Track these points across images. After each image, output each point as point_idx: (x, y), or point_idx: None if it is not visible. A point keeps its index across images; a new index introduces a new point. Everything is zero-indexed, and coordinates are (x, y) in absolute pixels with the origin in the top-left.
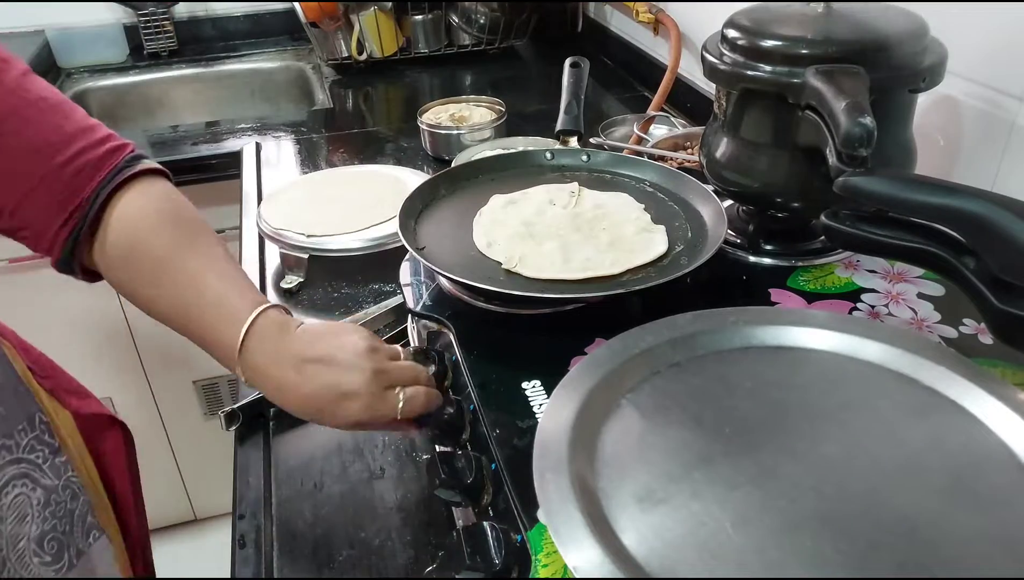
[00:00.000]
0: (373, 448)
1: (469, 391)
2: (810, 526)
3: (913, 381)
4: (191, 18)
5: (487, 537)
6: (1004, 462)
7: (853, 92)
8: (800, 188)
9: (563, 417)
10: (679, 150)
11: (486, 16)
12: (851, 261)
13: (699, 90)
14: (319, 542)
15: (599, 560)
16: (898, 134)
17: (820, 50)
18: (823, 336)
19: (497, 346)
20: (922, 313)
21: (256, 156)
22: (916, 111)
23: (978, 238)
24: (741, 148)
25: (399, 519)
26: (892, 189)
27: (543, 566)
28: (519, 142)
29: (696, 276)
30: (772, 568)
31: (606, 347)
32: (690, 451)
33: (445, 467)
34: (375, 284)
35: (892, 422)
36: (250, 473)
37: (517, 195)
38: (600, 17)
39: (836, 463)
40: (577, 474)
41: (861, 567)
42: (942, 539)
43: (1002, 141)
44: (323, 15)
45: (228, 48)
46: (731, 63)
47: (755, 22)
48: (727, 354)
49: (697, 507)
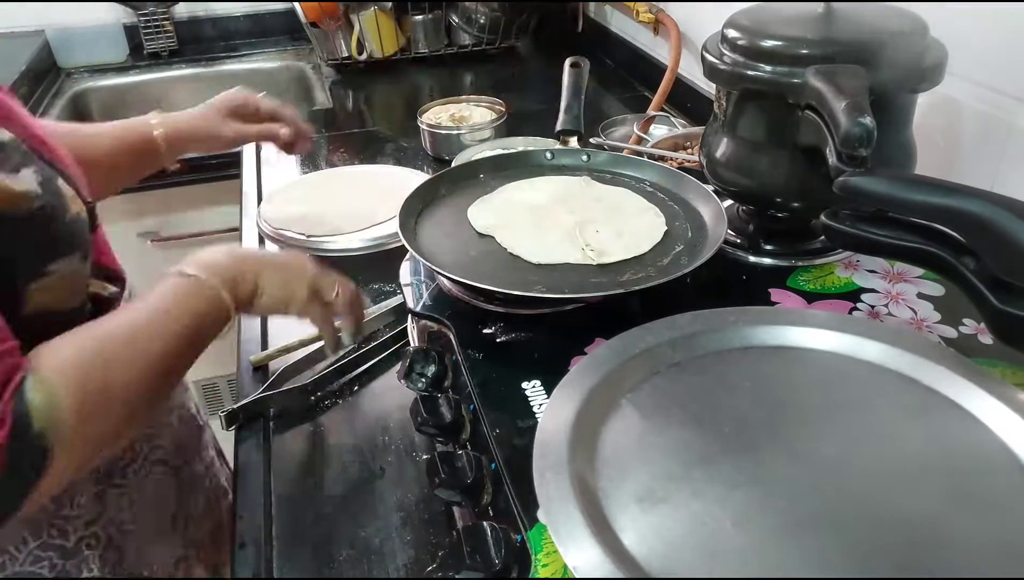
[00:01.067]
0: (373, 448)
1: (469, 391)
2: (810, 526)
3: (913, 381)
4: (191, 18)
5: (487, 537)
6: (1004, 462)
7: (853, 92)
8: (800, 188)
9: (563, 417)
10: (679, 150)
11: (486, 16)
12: (851, 261)
13: (699, 90)
14: (319, 542)
15: (599, 560)
16: (898, 134)
17: (820, 50)
18: (823, 336)
19: (497, 346)
20: (922, 313)
21: (256, 156)
22: (916, 111)
23: (978, 238)
24: (741, 148)
25: (399, 519)
26: (892, 189)
27: (543, 566)
28: (519, 142)
29: (696, 276)
30: (772, 568)
31: (606, 347)
32: (690, 451)
33: (445, 467)
34: (375, 284)
35: (892, 422)
36: (250, 473)
37: (524, 183)
38: (600, 17)
39: (836, 463)
40: (577, 474)
41: (861, 567)
42: (941, 539)
43: (1002, 141)
44: (323, 15)
45: (228, 48)
46: (731, 63)
47: (755, 22)
48: (727, 354)
49: (697, 507)
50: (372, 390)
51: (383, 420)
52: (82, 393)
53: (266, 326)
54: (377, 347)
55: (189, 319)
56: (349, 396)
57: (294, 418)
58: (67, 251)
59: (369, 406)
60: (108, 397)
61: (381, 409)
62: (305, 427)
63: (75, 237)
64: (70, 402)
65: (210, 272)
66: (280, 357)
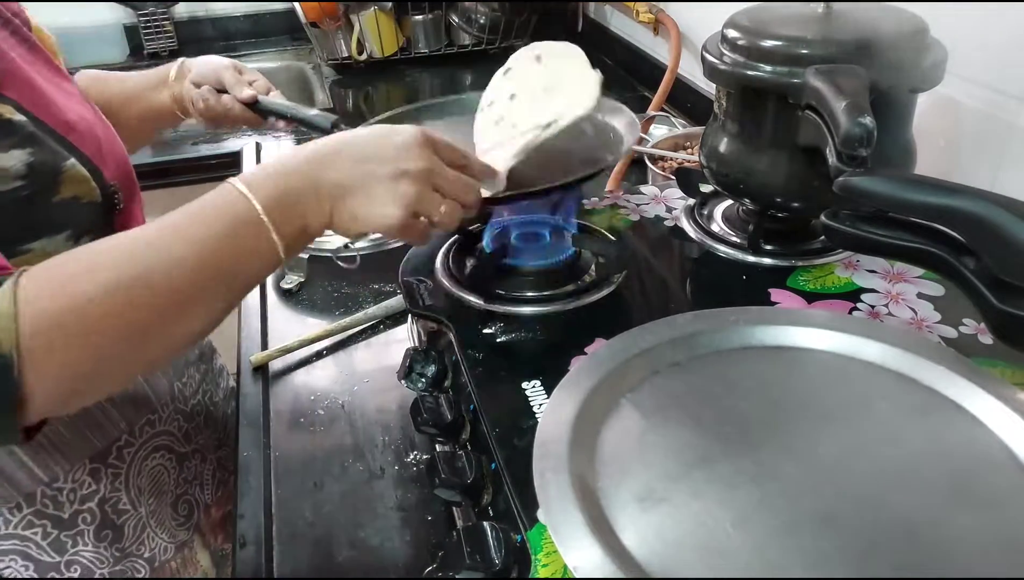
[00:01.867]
0: (373, 448)
1: (469, 391)
2: (810, 526)
3: (913, 381)
4: (191, 18)
5: (487, 537)
6: (1004, 462)
7: (853, 92)
8: (800, 188)
9: (563, 417)
10: (679, 150)
11: (486, 16)
12: (851, 261)
13: (699, 90)
14: (319, 542)
15: (599, 560)
16: (898, 134)
17: (820, 50)
18: (823, 336)
19: (497, 346)
20: (922, 313)
21: (256, 156)
22: (916, 111)
23: (978, 238)
24: (741, 148)
25: (399, 519)
26: (892, 189)
27: (543, 566)
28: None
29: (696, 276)
30: (772, 568)
31: (606, 347)
32: (690, 450)
33: (445, 467)
34: (375, 284)
35: (892, 422)
36: (250, 473)
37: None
38: (600, 17)
39: (836, 463)
40: (577, 474)
41: (861, 567)
42: (941, 539)
43: (1002, 141)
44: (323, 15)
45: (228, 48)
46: (731, 63)
47: (755, 22)
48: (727, 354)
49: (697, 506)
50: (372, 390)
51: (383, 420)
52: (52, 301)
53: (266, 326)
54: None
55: (215, 241)
56: (349, 396)
57: (294, 418)
58: (50, 231)
59: (369, 406)
60: (85, 312)
61: (381, 409)
62: (305, 427)
63: (66, 218)
64: (33, 309)
65: (255, 188)
66: (280, 357)
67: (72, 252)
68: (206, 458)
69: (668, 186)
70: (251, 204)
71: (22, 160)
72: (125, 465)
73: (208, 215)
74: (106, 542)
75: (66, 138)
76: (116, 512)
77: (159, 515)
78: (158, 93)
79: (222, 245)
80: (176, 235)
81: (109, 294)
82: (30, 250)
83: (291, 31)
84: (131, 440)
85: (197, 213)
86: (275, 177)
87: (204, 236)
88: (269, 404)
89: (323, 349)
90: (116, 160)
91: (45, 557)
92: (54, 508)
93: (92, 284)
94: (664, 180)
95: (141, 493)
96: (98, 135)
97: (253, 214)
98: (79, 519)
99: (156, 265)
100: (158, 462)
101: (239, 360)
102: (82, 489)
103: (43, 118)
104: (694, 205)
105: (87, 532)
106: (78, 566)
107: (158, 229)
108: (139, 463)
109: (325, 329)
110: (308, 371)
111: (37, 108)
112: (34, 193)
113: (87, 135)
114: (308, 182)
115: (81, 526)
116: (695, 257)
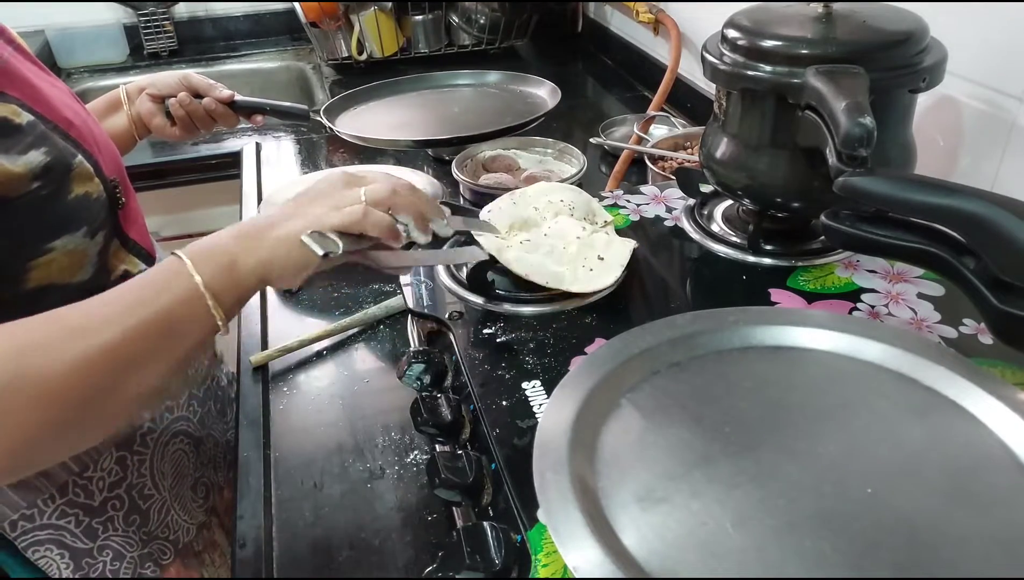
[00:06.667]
0: (373, 448)
1: (469, 391)
2: (810, 526)
3: (913, 381)
4: (191, 18)
5: (487, 537)
6: (1004, 462)
7: (853, 92)
8: (800, 188)
9: (563, 417)
10: (679, 150)
11: (486, 16)
12: (851, 261)
13: (699, 90)
14: (319, 542)
15: (599, 560)
16: (898, 134)
17: (820, 50)
18: (823, 336)
19: (497, 346)
20: (922, 313)
21: (256, 156)
22: (916, 111)
23: (978, 238)
24: (741, 148)
25: (399, 519)
26: (892, 189)
27: (543, 566)
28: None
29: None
30: (772, 568)
31: (606, 347)
32: (690, 450)
33: (445, 467)
34: (375, 284)
35: (892, 422)
36: (250, 473)
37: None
38: (600, 17)
39: (836, 463)
40: (577, 474)
41: (860, 567)
42: (941, 539)
43: (1002, 141)
44: (323, 15)
45: (228, 48)
46: (731, 63)
47: (755, 22)
48: (727, 354)
49: (697, 506)
50: (372, 390)
51: (383, 420)
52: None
53: (266, 326)
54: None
55: (155, 311)
56: (349, 396)
57: (294, 418)
58: (70, 229)
59: (369, 406)
60: (20, 387)
61: (381, 409)
62: (305, 427)
63: (81, 215)
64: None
65: (196, 255)
66: (280, 357)
67: (16, 325)
68: (218, 442)
69: (668, 186)
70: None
71: (39, 161)
72: (149, 451)
73: (157, 286)
74: (134, 526)
75: (69, 134)
76: (143, 497)
77: (181, 498)
78: (116, 118)
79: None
80: (127, 308)
81: (57, 374)
82: (53, 249)
83: (291, 31)
84: (152, 427)
85: (147, 284)
86: (216, 253)
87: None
88: (269, 404)
89: (323, 349)
90: (111, 156)
91: (79, 544)
92: (85, 497)
93: (29, 359)
94: (664, 180)
95: (164, 477)
96: (93, 131)
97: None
98: (108, 506)
99: (103, 340)
100: (178, 447)
101: (239, 360)
102: (110, 477)
103: (47, 116)
104: (694, 205)
105: (116, 518)
106: (109, 550)
107: (103, 303)
108: (161, 448)
109: (325, 329)
110: (308, 371)
111: (39, 106)
112: (51, 192)
113: (85, 131)
114: (237, 253)
115: (111, 512)
116: (695, 257)
